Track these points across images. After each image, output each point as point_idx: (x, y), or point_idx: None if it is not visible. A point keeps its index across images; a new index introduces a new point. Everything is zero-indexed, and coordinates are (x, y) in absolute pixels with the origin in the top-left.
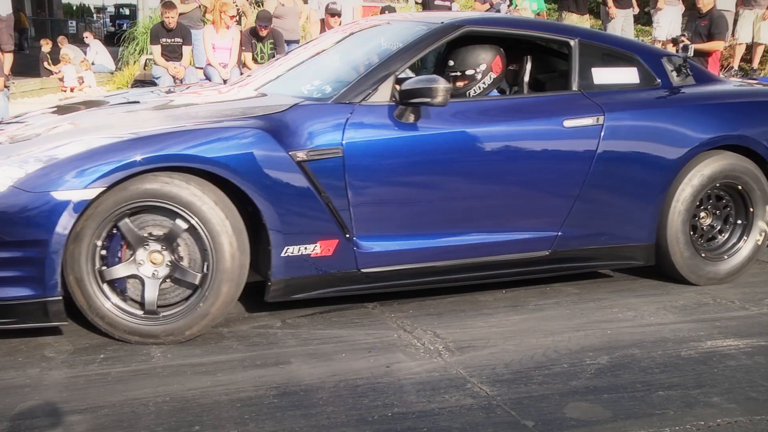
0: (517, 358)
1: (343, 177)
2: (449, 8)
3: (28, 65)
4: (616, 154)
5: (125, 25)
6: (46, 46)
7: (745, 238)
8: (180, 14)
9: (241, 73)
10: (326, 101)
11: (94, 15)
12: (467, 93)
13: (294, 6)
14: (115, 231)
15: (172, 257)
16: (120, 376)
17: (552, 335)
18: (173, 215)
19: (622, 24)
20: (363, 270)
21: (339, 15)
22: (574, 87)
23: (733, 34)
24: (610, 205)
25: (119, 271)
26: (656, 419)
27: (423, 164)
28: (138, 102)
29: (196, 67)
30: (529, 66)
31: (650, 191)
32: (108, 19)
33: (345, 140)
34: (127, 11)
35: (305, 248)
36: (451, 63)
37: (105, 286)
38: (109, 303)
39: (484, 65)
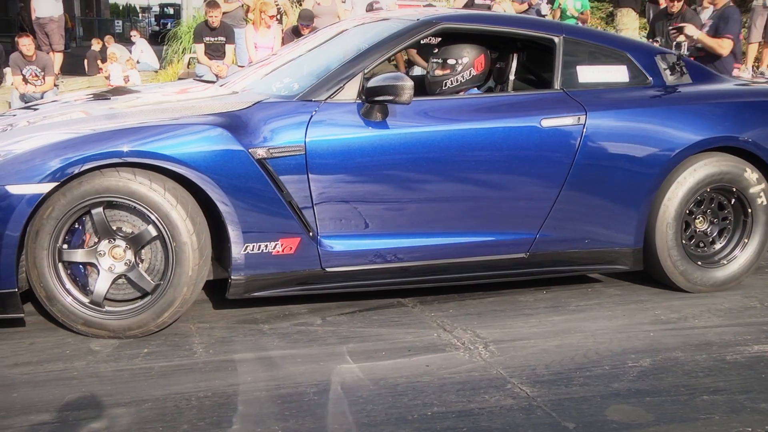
0: (557, 359)
1: (305, 175)
2: (489, 8)
3: (75, 64)
4: (598, 155)
5: (169, 24)
6: (96, 45)
7: (742, 246)
8: (223, 13)
9: None
10: (291, 99)
11: (140, 14)
12: (444, 83)
13: (331, 5)
14: (77, 225)
15: (134, 258)
16: (163, 371)
17: (593, 336)
18: (146, 219)
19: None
20: (327, 269)
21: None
22: (557, 85)
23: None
24: (592, 208)
25: (78, 255)
26: (701, 424)
27: (390, 163)
28: (108, 98)
29: (239, 66)
30: (514, 64)
31: (636, 194)
32: (153, 19)
33: (308, 138)
34: (171, 10)
35: (266, 246)
36: (436, 50)
37: (60, 267)
38: (63, 290)
39: (467, 59)
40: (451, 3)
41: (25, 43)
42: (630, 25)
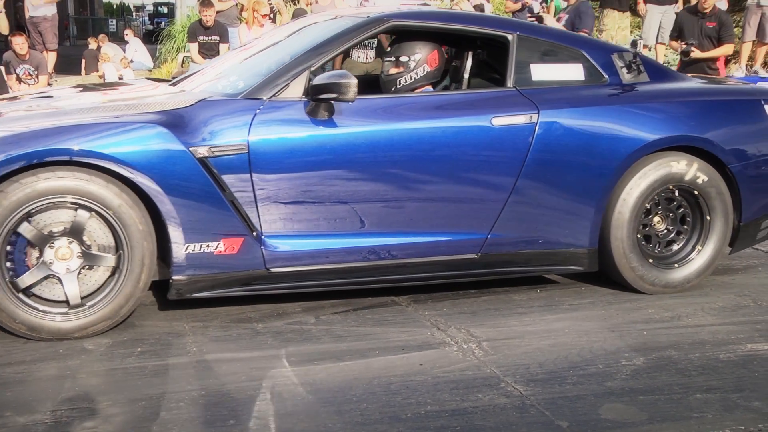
0: (551, 358)
1: (248, 174)
2: (482, 8)
3: (68, 63)
4: (551, 154)
5: (163, 23)
6: (94, 44)
7: (700, 247)
8: (217, 12)
9: None
10: (236, 97)
11: (134, 13)
12: (398, 81)
13: (330, 4)
14: (14, 238)
15: (81, 248)
16: (157, 370)
17: (587, 335)
18: (74, 207)
19: (660, 20)
20: (272, 269)
21: None
22: (510, 83)
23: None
24: (545, 208)
25: (30, 277)
26: (694, 422)
27: (336, 163)
28: (51, 96)
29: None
30: (469, 62)
31: (590, 194)
32: (147, 18)
33: (251, 137)
34: (165, 9)
35: (208, 246)
36: (389, 48)
37: (22, 296)
38: (29, 309)
39: (420, 56)
40: (444, 3)
41: (19, 42)
42: (611, 25)
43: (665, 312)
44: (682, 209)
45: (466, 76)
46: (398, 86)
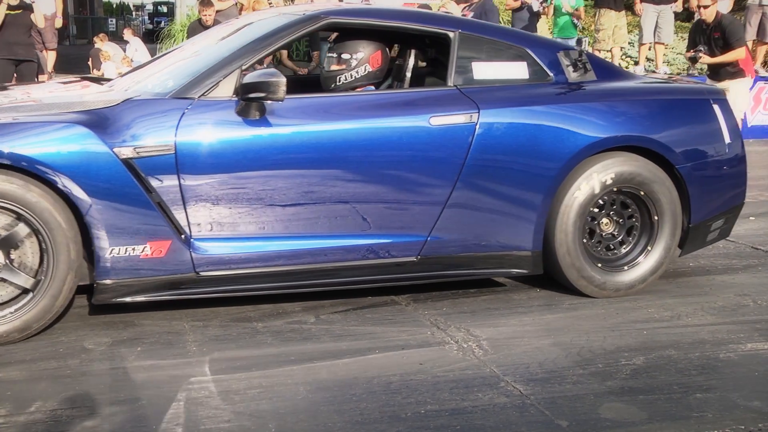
0: (551, 357)
1: (176, 176)
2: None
3: (68, 62)
4: (492, 155)
5: (163, 22)
6: (99, 43)
7: (648, 249)
8: (217, 12)
9: None
10: (164, 96)
11: (133, 13)
12: (338, 78)
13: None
14: None
15: (5, 260)
16: (156, 369)
17: (587, 335)
18: (17, 217)
19: (656, 20)
20: (202, 273)
21: None
22: (450, 82)
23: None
24: (487, 210)
25: None
26: (693, 422)
27: (266, 164)
28: None
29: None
30: (412, 60)
31: (534, 195)
32: (146, 17)
33: (178, 137)
34: (165, 9)
35: (133, 249)
36: (331, 45)
37: None
38: None
39: (362, 55)
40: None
41: None
42: (608, 25)
43: (665, 311)
44: (629, 211)
45: (409, 74)
46: (338, 83)
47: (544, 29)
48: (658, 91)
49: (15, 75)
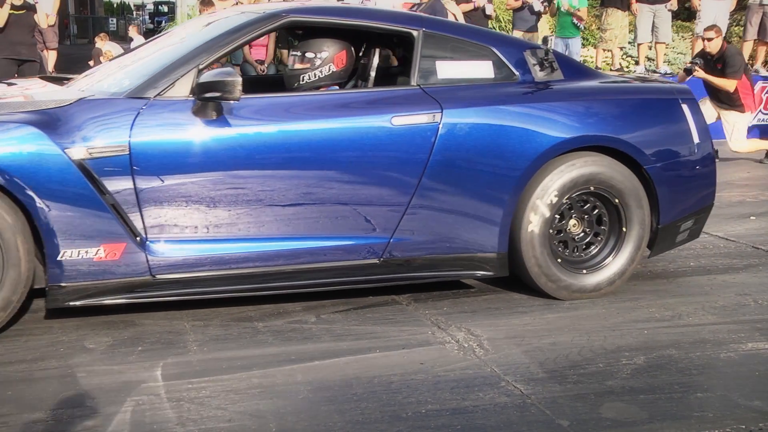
0: (551, 357)
1: (130, 177)
2: (484, 10)
3: (69, 62)
4: (456, 155)
5: (163, 22)
6: (100, 42)
7: (617, 251)
8: None
9: (278, 71)
10: (119, 96)
11: (134, 12)
12: (301, 77)
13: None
14: None
15: None
16: (157, 369)
17: (587, 334)
18: None
19: (652, 19)
20: (158, 276)
21: None
22: (414, 81)
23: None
24: (451, 211)
25: None
26: (694, 422)
27: (224, 164)
28: None
29: (233, 65)
30: (376, 59)
31: (499, 196)
32: (147, 17)
33: (132, 137)
34: (165, 8)
35: (86, 252)
36: (296, 43)
37: None
38: None
39: (326, 54)
40: None
41: None
42: (615, 24)
43: (666, 311)
44: (597, 212)
45: (373, 74)
46: (301, 82)
47: (545, 29)
48: (626, 90)
49: (16, 75)
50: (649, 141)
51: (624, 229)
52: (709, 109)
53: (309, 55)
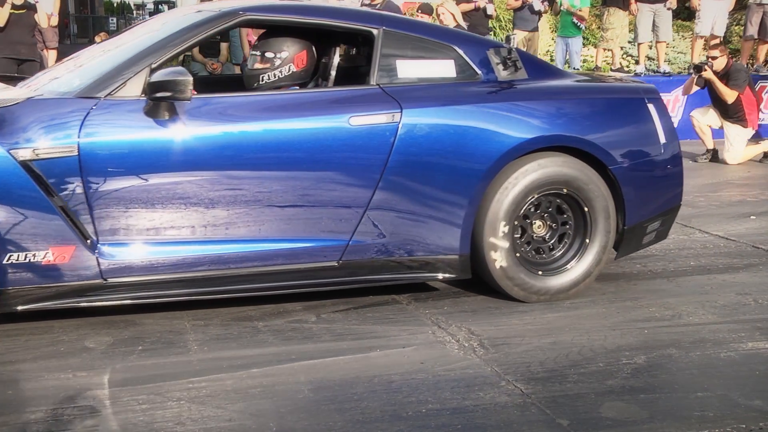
0: (552, 357)
1: (79, 178)
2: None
3: None
4: (416, 156)
5: None
6: (99, 41)
7: (582, 252)
8: None
9: (242, 70)
10: (68, 95)
11: (134, 12)
12: (261, 77)
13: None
14: None
15: None
16: (158, 368)
17: (588, 334)
18: None
19: (652, 18)
20: (109, 279)
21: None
22: (373, 81)
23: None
24: (411, 212)
25: None
26: (695, 421)
27: (177, 166)
28: None
29: (234, 64)
30: (337, 58)
31: (460, 198)
32: (147, 16)
33: (82, 138)
34: (165, 8)
35: (34, 255)
36: (257, 43)
37: None
38: None
39: (286, 54)
40: None
41: None
42: (617, 24)
43: (666, 310)
44: (563, 213)
45: (333, 73)
46: (261, 83)
47: (546, 28)
48: (591, 90)
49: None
50: (614, 141)
51: (589, 231)
52: (712, 117)
53: (269, 54)
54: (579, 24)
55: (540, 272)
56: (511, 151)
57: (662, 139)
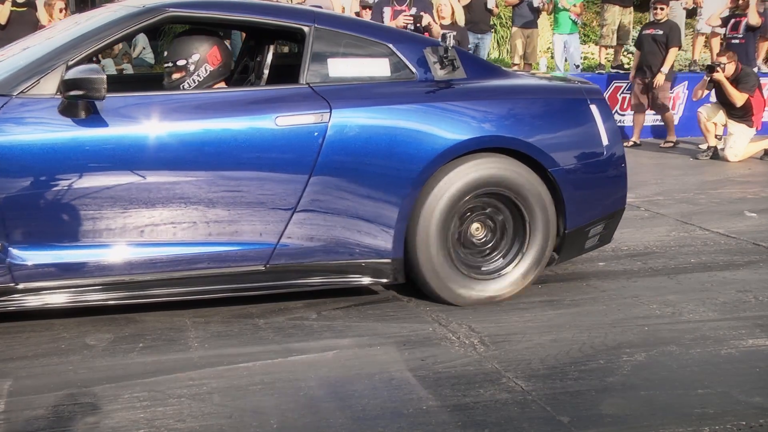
0: (552, 354)
1: None
2: (490, 10)
3: None
4: (345, 157)
5: None
6: None
7: (520, 255)
8: None
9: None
10: None
11: None
12: (181, 86)
13: (325, 0)
14: None
15: None
16: (158, 365)
17: (588, 331)
18: None
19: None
20: (21, 285)
21: (371, 8)
22: (303, 80)
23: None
24: (341, 215)
25: None
26: (695, 418)
27: (93, 167)
28: None
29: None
30: (270, 57)
31: (393, 200)
32: None
33: None
34: None
35: None
36: (165, 54)
37: None
38: None
39: (197, 55)
40: None
41: None
42: (611, 20)
43: (666, 308)
44: (501, 216)
45: (266, 72)
46: (180, 91)
47: (545, 25)
48: (531, 90)
49: None
50: (553, 143)
51: (527, 234)
52: (720, 115)
53: (180, 62)
54: (575, 19)
55: (475, 275)
56: (445, 153)
57: (605, 141)
